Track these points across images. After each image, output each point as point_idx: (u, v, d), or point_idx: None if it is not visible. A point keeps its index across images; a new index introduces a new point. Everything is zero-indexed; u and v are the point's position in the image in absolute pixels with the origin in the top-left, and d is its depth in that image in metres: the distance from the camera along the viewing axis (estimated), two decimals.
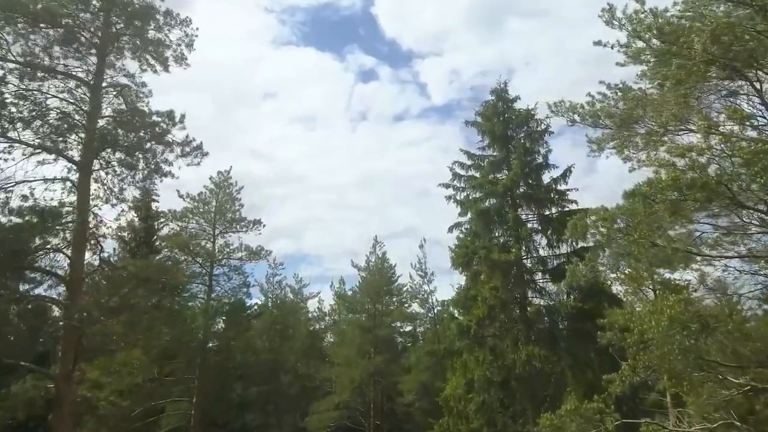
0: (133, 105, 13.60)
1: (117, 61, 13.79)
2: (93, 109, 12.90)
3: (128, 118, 13.27)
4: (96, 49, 13.34)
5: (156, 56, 13.87)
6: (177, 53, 14.13)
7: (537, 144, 25.57)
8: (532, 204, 24.73)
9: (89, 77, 13.78)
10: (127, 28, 13.61)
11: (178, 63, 14.23)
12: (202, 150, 14.87)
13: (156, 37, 13.87)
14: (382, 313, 39.23)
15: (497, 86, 27.48)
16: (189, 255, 24.31)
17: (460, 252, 24.26)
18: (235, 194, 26.72)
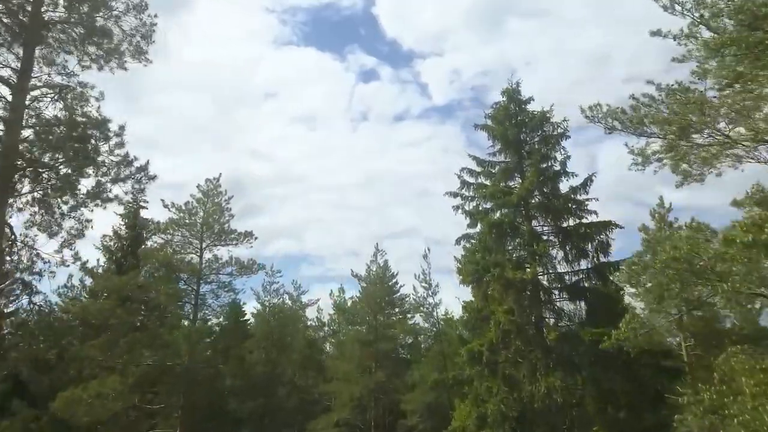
0: (73, 111, 10.86)
1: (54, 56, 11.12)
2: (14, 116, 10.20)
3: (54, 129, 10.44)
4: (21, 39, 10.66)
5: (105, 50, 11.24)
6: (133, 46, 11.54)
7: (553, 149, 23.16)
8: (549, 215, 22.31)
9: (10, 75, 10.97)
10: (69, 12, 10.90)
11: (136, 59, 11.68)
12: (146, 173, 12.10)
13: (104, 27, 11.21)
14: (383, 324, 36.87)
15: (508, 86, 25.10)
16: (172, 272, 21.90)
17: (470, 268, 21.88)
18: (224, 204, 24.31)
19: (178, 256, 22.86)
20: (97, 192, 11.12)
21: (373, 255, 39.17)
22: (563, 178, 22.52)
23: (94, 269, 31.55)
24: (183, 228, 23.31)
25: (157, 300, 21.67)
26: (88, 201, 11.01)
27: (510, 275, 20.16)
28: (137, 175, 12.32)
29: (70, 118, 10.44)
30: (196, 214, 23.63)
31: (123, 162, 11.88)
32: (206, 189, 24.43)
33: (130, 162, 12.38)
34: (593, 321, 20.94)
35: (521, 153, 23.70)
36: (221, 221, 23.83)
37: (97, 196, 11.12)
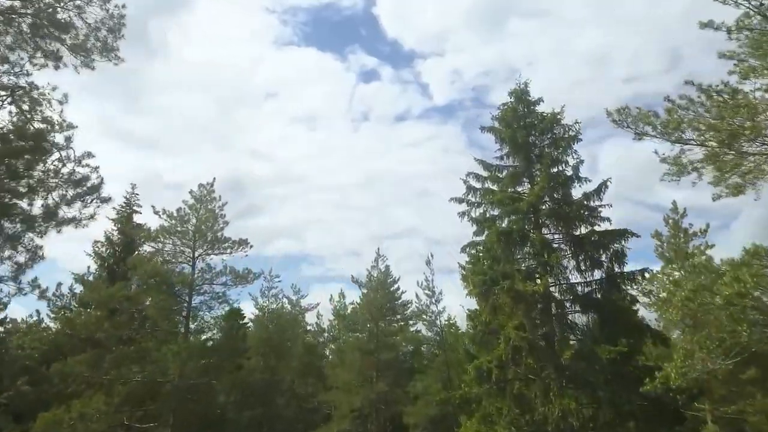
0: (30, 116, 9.37)
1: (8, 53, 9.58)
2: None
3: None
4: None
5: (69, 46, 9.76)
6: (100, 42, 10.09)
7: (564, 153, 21.83)
8: (560, 223, 20.99)
9: None
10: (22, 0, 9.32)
11: (105, 56, 10.23)
12: (98, 193, 10.27)
13: (61, 18, 9.71)
14: (384, 332, 35.58)
15: (516, 87, 23.79)
16: (162, 283, 20.55)
17: (477, 279, 20.52)
18: (218, 210, 22.97)
19: (168, 266, 21.51)
20: (48, 214, 9.57)
21: (374, 260, 37.91)
22: (575, 183, 21.17)
23: (84, 277, 30.26)
24: (174, 236, 21.98)
25: (146, 312, 20.33)
26: (40, 224, 9.44)
27: (520, 287, 18.85)
28: (87, 196, 10.39)
29: (19, 125, 9.01)
30: (188, 221, 22.31)
31: (68, 181, 10.05)
32: (199, 195, 23.10)
33: (77, 181, 10.41)
34: (607, 335, 19.68)
35: (530, 157, 22.38)
36: (214, 229, 22.49)
37: (49, 218, 9.57)
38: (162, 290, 20.53)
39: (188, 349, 19.60)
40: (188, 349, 19.60)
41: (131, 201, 33.19)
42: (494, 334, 20.75)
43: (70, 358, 19.38)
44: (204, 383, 20.78)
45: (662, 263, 27.31)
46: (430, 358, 31.17)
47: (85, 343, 21.02)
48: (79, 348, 21.18)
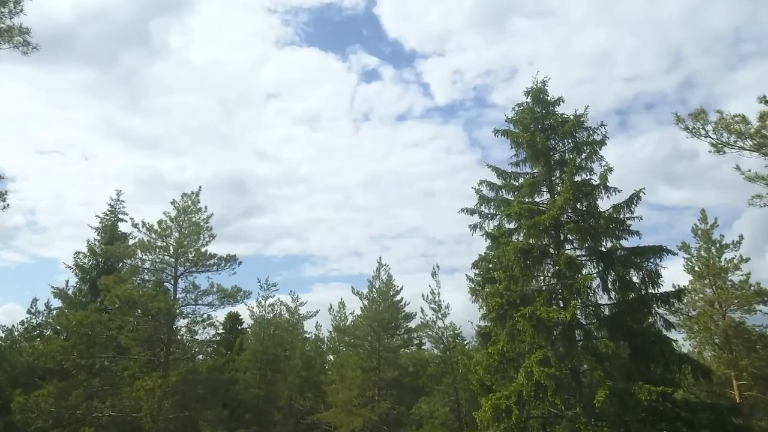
0: None
1: None
2: None
3: None
4: None
5: None
6: None
7: (590, 159, 19.35)
8: (586, 238, 18.48)
9: None
10: None
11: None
12: None
13: None
14: (387, 348, 33.14)
15: (533, 85, 21.38)
16: (136, 308, 18.09)
17: (493, 302, 18.08)
18: (203, 223, 20.48)
19: (147, 286, 19.03)
20: None
21: (376, 269, 35.50)
22: (603, 193, 18.67)
23: (63, 291, 27.81)
24: (154, 252, 19.53)
25: (120, 340, 17.87)
26: None
27: (543, 314, 16.39)
28: None
29: None
30: (170, 235, 19.86)
31: None
32: (182, 205, 20.62)
33: None
34: (639, 365, 17.27)
35: (550, 164, 19.95)
36: (199, 243, 20.04)
37: None
38: (137, 315, 18.09)
39: (165, 384, 17.13)
40: (165, 384, 17.13)
41: (116, 208, 30.79)
42: (512, 363, 18.33)
43: (33, 393, 16.95)
44: (185, 417, 18.34)
45: (691, 277, 24.91)
46: (437, 377, 28.71)
47: (54, 373, 18.59)
48: (49, 377, 18.77)
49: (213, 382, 19.54)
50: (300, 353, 40.87)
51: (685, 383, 17.82)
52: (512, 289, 18.52)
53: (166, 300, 18.76)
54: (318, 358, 41.67)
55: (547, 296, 17.99)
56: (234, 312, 58.97)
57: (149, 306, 18.03)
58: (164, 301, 18.60)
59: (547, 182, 20.15)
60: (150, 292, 18.54)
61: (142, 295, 18.28)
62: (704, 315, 22.08)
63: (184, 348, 19.88)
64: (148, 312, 18.23)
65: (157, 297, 18.39)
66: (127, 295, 17.90)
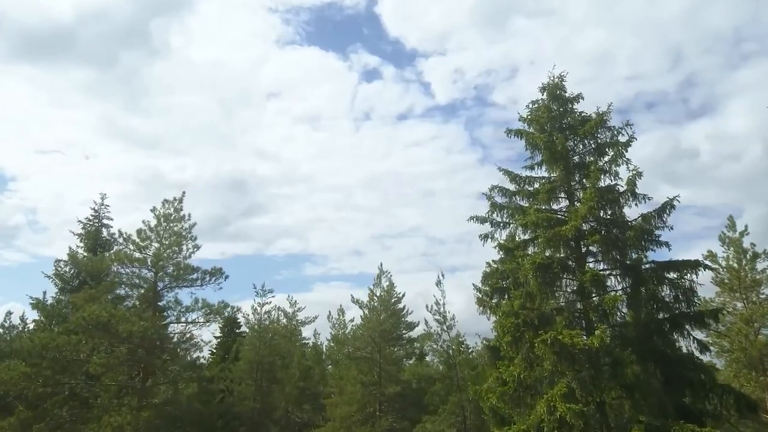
0: None
1: None
2: None
3: None
4: None
5: None
6: None
7: (614, 163, 17.21)
8: (611, 251, 16.35)
9: None
10: None
11: None
12: None
13: None
14: (388, 360, 31.05)
15: (549, 81, 19.27)
16: (106, 331, 15.98)
17: (508, 323, 15.98)
18: (185, 233, 18.36)
19: (119, 307, 16.89)
20: None
21: (377, 277, 33.36)
22: (630, 200, 16.56)
23: (42, 303, 25.74)
24: (130, 266, 17.45)
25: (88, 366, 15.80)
26: None
27: (567, 339, 14.27)
28: None
29: None
30: (149, 247, 17.77)
31: None
32: (163, 213, 18.51)
33: None
34: (673, 396, 15.18)
35: (569, 167, 17.83)
36: (179, 257, 17.93)
37: None
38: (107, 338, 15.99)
39: (136, 420, 15.03)
40: (136, 420, 15.03)
41: (100, 213, 28.65)
42: (529, 390, 16.25)
43: None
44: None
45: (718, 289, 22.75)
46: (442, 394, 26.62)
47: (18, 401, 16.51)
48: (11, 407, 16.69)
49: (196, 414, 17.39)
50: (298, 362, 38.72)
51: (732, 419, 15.73)
52: (528, 307, 16.44)
53: (140, 322, 16.55)
54: (316, 367, 39.52)
55: (568, 317, 15.88)
56: (232, 316, 57.23)
57: (120, 329, 15.92)
58: (137, 323, 16.42)
59: (565, 188, 18.04)
60: (122, 313, 16.41)
61: (113, 315, 16.13)
62: (738, 333, 20.04)
63: (164, 372, 17.78)
64: (118, 336, 16.13)
65: (131, 318, 16.20)
66: (95, 317, 15.79)
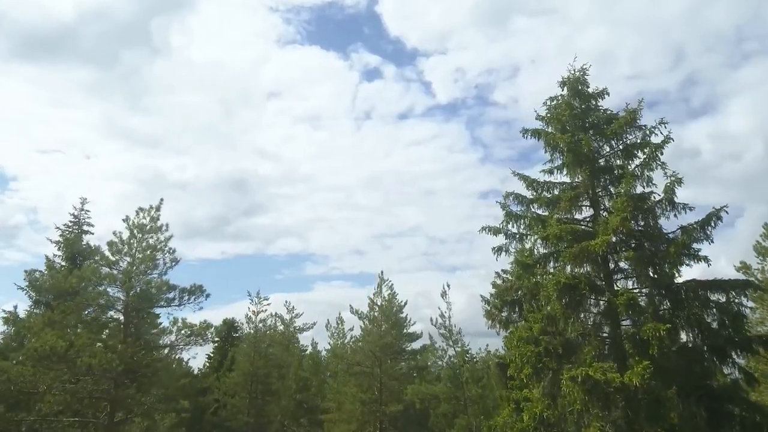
0: None
1: None
2: None
3: None
4: None
5: None
6: None
7: (647, 167, 14.92)
8: (646, 268, 14.07)
9: None
10: None
11: None
12: None
13: None
14: (390, 375, 28.83)
15: (570, 74, 17.02)
16: (63, 363, 13.69)
17: (527, 352, 13.75)
18: (160, 245, 16.12)
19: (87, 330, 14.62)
20: None
21: (377, 285, 31.12)
22: (668, 211, 14.29)
23: (14, 316, 23.43)
24: (96, 282, 15.19)
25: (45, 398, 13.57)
26: None
27: (599, 376, 12.05)
28: None
29: None
30: (120, 262, 15.55)
31: None
32: (137, 223, 16.27)
33: None
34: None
35: (594, 171, 15.58)
36: (154, 273, 15.68)
37: None
38: (67, 370, 13.77)
39: None
40: None
41: (80, 219, 26.42)
42: (552, 428, 14.02)
43: None
44: None
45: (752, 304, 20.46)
46: (449, 416, 24.39)
47: None
48: None
49: None
50: (294, 373, 36.47)
51: None
52: (550, 332, 14.21)
53: (105, 353, 14.21)
54: (314, 378, 37.27)
55: (598, 345, 13.65)
56: (229, 319, 54.95)
57: (78, 362, 13.67)
58: (101, 354, 14.11)
59: (589, 194, 15.79)
60: (83, 341, 14.10)
61: (72, 344, 13.87)
62: None
63: (138, 404, 15.50)
64: (76, 370, 13.91)
65: (93, 347, 13.92)
66: (49, 348, 13.52)
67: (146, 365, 15.16)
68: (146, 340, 15.57)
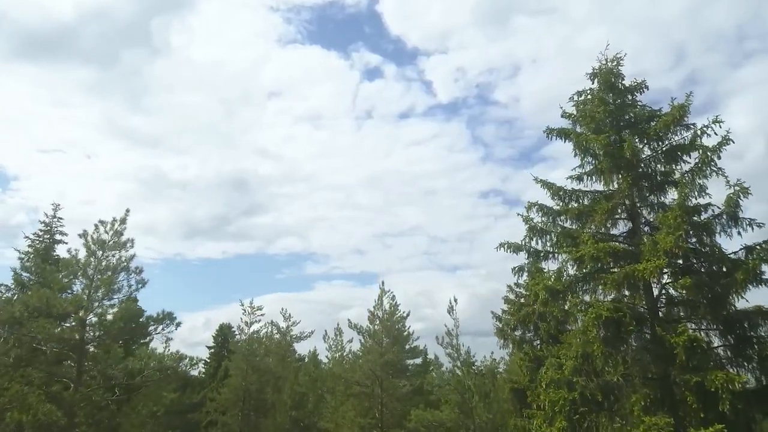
0: None
1: None
2: None
3: None
4: None
5: None
6: None
7: (701, 174, 12.31)
8: (702, 296, 11.45)
9: None
10: None
11: None
12: None
13: None
14: (392, 396, 26.27)
15: (601, 64, 14.39)
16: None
17: (558, 399, 11.17)
18: (122, 262, 13.45)
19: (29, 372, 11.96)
20: None
21: (378, 298, 28.52)
22: (731, 227, 11.69)
23: None
24: (48, 312, 12.58)
25: None
26: None
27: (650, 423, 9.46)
28: None
29: None
30: (71, 286, 12.94)
31: None
32: (97, 239, 13.64)
33: None
34: None
35: (636, 178, 12.97)
36: (114, 299, 13.03)
37: None
38: None
39: None
40: None
41: (52, 227, 23.79)
42: None
43: None
44: None
45: None
46: None
47: None
48: None
49: None
50: (290, 388, 33.83)
51: None
52: (586, 371, 11.62)
53: (43, 404, 11.50)
54: (311, 393, 34.66)
55: (648, 393, 11.04)
56: (226, 324, 52.31)
57: (8, 417, 11.03)
58: (39, 406, 11.40)
59: (626, 206, 13.20)
60: (16, 390, 11.43)
61: (5, 392, 11.25)
62: None
63: None
64: (3, 427, 11.27)
65: (37, 396, 11.25)
66: None
67: (104, 407, 12.60)
68: (109, 376, 13.00)
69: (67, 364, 13.10)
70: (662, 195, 13.19)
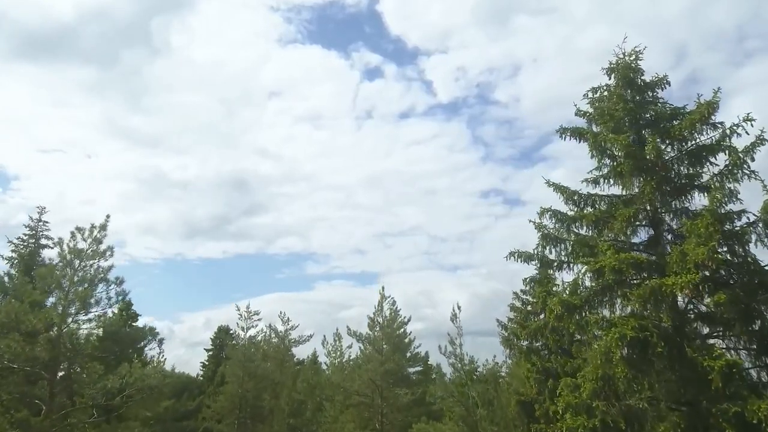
0: None
1: None
2: None
3: None
4: None
5: None
6: None
7: (731, 177, 11.17)
8: (741, 314, 10.29)
9: None
10: None
11: None
12: None
13: None
14: (392, 406, 25.17)
15: (618, 58, 13.23)
16: None
17: (579, 427, 10.03)
18: (100, 273, 12.30)
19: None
20: None
21: (378, 304, 27.45)
22: (765, 236, 10.53)
23: None
24: (16, 328, 11.44)
25: None
26: None
27: None
28: None
29: None
30: (44, 302, 11.82)
31: None
32: (73, 247, 12.53)
33: None
34: None
35: (659, 181, 11.81)
36: (92, 314, 11.92)
37: None
38: None
39: None
40: None
41: (38, 231, 22.69)
42: None
43: None
44: None
45: None
46: None
47: None
48: None
49: None
50: (288, 395, 32.70)
51: None
52: (606, 393, 10.47)
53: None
54: (309, 400, 33.54)
55: (677, 422, 9.90)
56: (224, 326, 51.18)
57: None
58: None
59: (648, 212, 12.05)
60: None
61: None
62: None
63: None
64: None
65: (6, 420, 10.18)
66: None
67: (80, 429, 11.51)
68: (87, 396, 11.89)
69: (41, 384, 12.04)
70: (686, 200, 12.05)
